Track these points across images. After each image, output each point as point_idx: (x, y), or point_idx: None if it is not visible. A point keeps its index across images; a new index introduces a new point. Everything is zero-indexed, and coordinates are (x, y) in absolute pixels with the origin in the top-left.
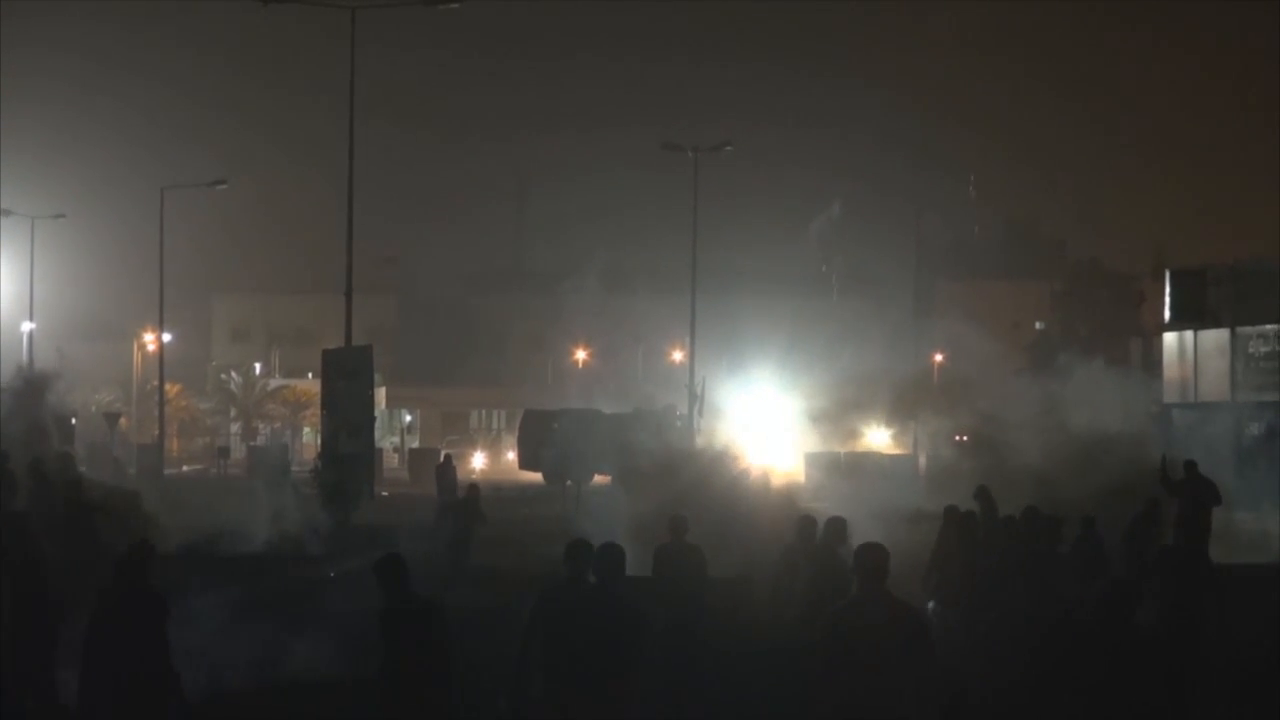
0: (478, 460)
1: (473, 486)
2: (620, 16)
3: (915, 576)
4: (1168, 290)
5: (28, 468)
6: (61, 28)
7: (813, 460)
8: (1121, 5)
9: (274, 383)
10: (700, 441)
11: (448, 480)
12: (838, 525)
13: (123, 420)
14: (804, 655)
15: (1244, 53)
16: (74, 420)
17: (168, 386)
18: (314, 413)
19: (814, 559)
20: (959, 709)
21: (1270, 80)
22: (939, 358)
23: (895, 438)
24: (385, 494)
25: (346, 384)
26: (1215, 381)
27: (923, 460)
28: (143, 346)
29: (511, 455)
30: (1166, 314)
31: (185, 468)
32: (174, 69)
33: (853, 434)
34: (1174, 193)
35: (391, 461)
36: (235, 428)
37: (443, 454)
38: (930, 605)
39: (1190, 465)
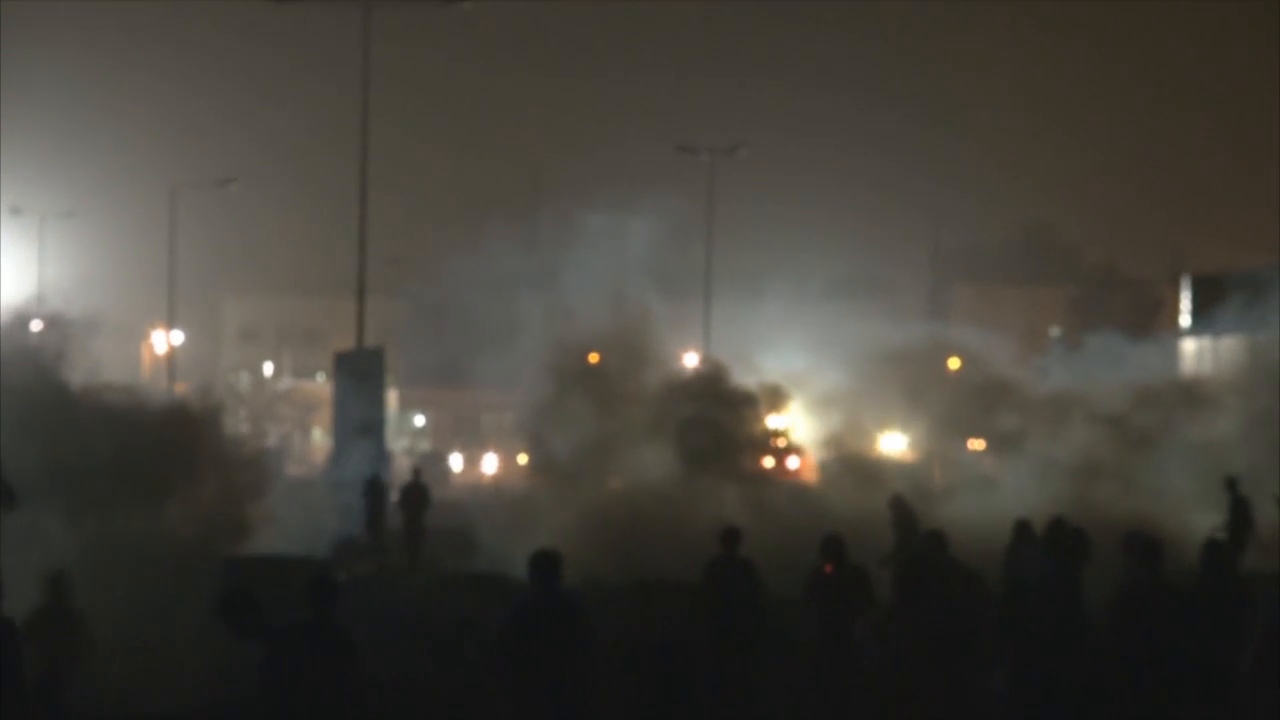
0: (489, 463)
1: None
2: (636, 18)
3: None
4: (1186, 296)
5: None
6: (72, 24)
7: (827, 466)
8: (1136, 9)
9: (284, 384)
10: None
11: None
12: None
13: None
14: None
15: (1263, 55)
16: None
17: (177, 387)
18: (323, 414)
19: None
20: None
21: None
22: (955, 363)
23: (912, 444)
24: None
25: (358, 386)
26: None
27: (936, 468)
28: (152, 346)
29: (524, 459)
30: (1185, 320)
31: None
32: (186, 67)
33: (867, 439)
34: (1192, 198)
35: (402, 465)
36: (244, 429)
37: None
38: None
39: None
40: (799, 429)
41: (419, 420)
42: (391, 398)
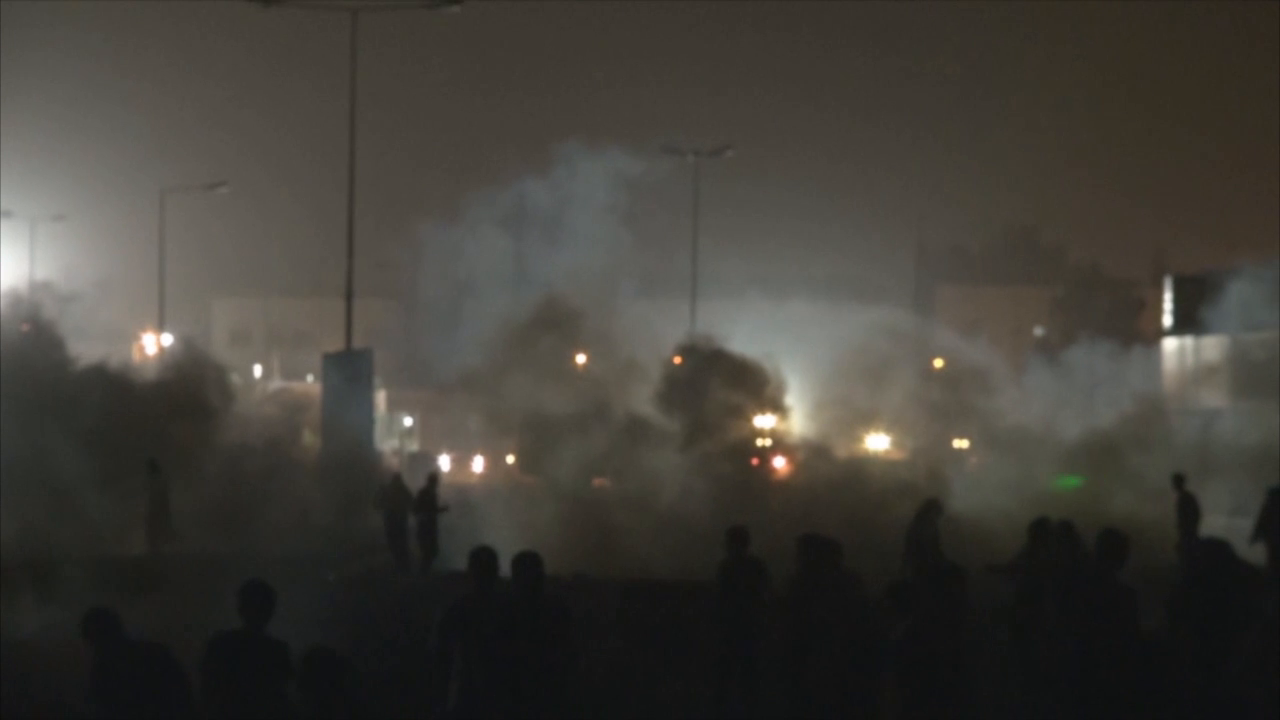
0: (478, 464)
1: (431, 477)
2: (624, 24)
3: None
4: (1169, 296)
5: None
6: (62, 28)
7: (813, 465)
8: (1120, 10)
9: (274, 385)
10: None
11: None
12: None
13: None
14: None
15: (1245, 55)
16: None
17: None
18: (313, 415)
19: None
20: None
21: (1271, 83)
22: (938, 363)
23: (896, 444)
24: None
25: (347, 387)
26: (1215, 388)
27: (921, 465)
28: (143, 349)
29: (511, 459)
30: (1167, 320)
31: None
32: (175, 71)
33: (853, 439)
34: (1175, 199)
35: (391, 465)
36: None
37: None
38: None
39: None
40: (783, 426)
41: (407, 421)
42: (380, 399)
